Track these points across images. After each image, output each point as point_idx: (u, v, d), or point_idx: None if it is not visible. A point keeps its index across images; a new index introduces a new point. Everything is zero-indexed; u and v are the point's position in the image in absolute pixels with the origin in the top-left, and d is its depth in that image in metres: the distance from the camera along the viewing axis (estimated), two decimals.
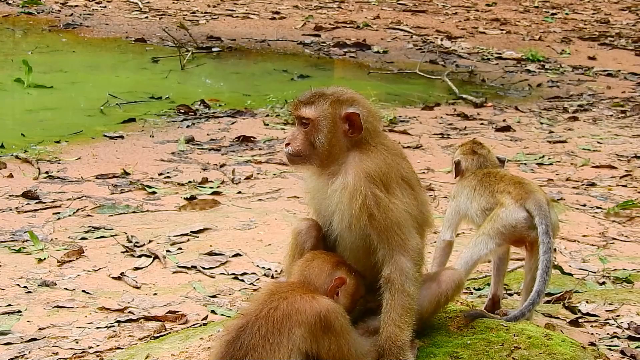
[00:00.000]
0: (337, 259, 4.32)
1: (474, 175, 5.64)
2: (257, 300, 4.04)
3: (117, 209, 8.37)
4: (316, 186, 4.55)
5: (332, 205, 4.42)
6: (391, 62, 17.65)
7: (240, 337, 3.91)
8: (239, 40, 18.72)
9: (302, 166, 4.52)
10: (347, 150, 4.44)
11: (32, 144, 10.59)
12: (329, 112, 4.44)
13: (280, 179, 9.55)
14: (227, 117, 12.45)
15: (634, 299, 6.13)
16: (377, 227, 4.30)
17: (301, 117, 4.47)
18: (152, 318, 6.00)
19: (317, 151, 4.43)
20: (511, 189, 5.35)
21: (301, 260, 4.31)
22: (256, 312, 3.96)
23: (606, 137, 12.12)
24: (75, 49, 17.30)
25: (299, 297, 4.02)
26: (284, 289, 4.09)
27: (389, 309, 4.30)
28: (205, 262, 7.05)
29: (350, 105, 4.48)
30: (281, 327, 3.92)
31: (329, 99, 4.48)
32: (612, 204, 8.97)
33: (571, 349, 4.58)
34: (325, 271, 4.20)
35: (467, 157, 5.78)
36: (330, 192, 4.41)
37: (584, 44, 20.26)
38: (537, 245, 5.09)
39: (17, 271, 6.81)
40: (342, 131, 4.44)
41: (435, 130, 12.21)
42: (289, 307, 3.96)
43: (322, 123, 4.43)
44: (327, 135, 4.42)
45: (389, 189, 4.35)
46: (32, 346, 5.57)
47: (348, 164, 4.40)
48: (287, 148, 4.46)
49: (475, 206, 5.44)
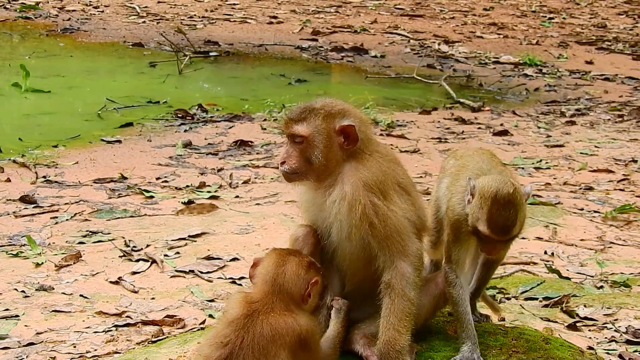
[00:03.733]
0: (305, 259, 4.24)
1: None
2: (235, 325, 3.93)
3: (114, 213, 8.37)
4: (311, 199, 4.52)
5: (330, 216, 4.39)
6: (388, 66, 17.66)
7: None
8: (237, 45, 18.72)
9: (298, 183, 4.49)
10: (342, 162, 4.42)
11: (29, 149, 10.59)
12: (322, 128, 4.38)
13: (277, 183, 9.55)
14: (225, 121, 12.45)
15: (632, 302, 6.12)
16: (377, 235, 4.28)
17: (294, 135, 4.42)
18: (149, 322, 6.00)
19: (313, 167, 4.39)
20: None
21: (269, 264, 4.17)
22: (239, 341, 3.88)
23: (604, 141, 12.13)
24: (73, 53, 17.30)
25: (280, 318, 3.96)
26: (260, 307, 4.00)
27: (388, 313, 4.29)
28: (202, 266, 7.04)
29: (343, 117, 4.42)
30: (267, 353, 3.88)
31: (320, 113, 4.41)
32: (610, 208, 8.97)
33: (569, 353, 4.58)
34: (301, 276, 4.12)
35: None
36: (329, 204, 4.37)
37: (581, 48, 20.28)
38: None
39: (15, 275, 6.80)
40: (337, 144, 4.40)
41: (433, 134, 12.22)
42: (272, 332, 3.91)
43: (316, 139, 4.37)
44: (322, 150, 4.37)
45: (387, 196, 4.33)
46: (30, 350, 5.56)
47: (344, 175, 4.36)
48: (283, 167, 4.40)
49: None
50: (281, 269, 4.12)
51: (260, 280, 4.12)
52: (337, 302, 4.42)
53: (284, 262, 4.15)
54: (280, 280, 4.08)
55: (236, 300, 4.06)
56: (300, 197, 4.64)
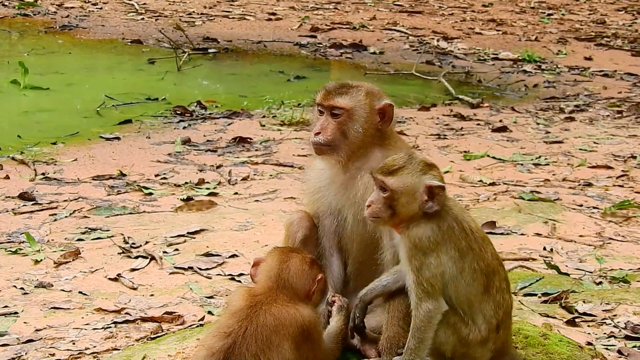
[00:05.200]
0: (308, 256, 4.26)
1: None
2: (239, 315, 3.97)
3: (113, 210, 8.37)
4: (333, 177, 4.52)
5: (353, 196, 4.41)
6: (387, 62, 17.65)
7: (230, 358, 3.89)
8: (235, 42, 18.71)
9: (329, 157, 4.48)
10: (372, 145, 4.45)
11: (28, 146, 10.59)
12: (365, 103, 4.45)
13: (276, 180, 9.55)
14: (224, 118, 12.44)
15: (631, 298, 6.13)
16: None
17: (334, 107, 4.44)
18: (148, 319, 6.00)
19: (348, 141, 4.42)
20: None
21: (272, 261, 4.20)
22: (242, 330, 3.92)
23: (603, 137, 12.13)
24: (72, 50, 17.28)
25: (283, 308, 4.00)
26: (263, 299, 4.03)
27: (393, 310, 4.31)
28: (201, 263, 7.04)
29: (381, 97, 4.51)
30: (270, 343, 3.92)
31: (362, 89, 4.48)
32: (609, 204, 8.97)
33: (568, 349, 4.58)
34: (305, 273, 4.15)
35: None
36: (356, 185, 4.41)
37: (580, 44, 20.27)
38: None
39: (14, 272, 6.81)
40: (374, 123, 4.45)
41: (432, 130, 12.21)
42: (275, 322, 3.95)
43: (357, 113, 4.43)
44: (362, 125, 4.43)
45: None
46: (29, 347, 5.56)
47: (374, 159, 4.41)
48: (318, 137, 4.42)
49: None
50: (285, 265, 4.15)
51: (263, 277, 4.13)
52: (338, 299, 4.43)
53: (287, 258, 4.18)
54: (285, 276, 4.11)
55: (239, 293, 4.08)
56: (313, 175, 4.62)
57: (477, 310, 4.16)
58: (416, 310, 4.12)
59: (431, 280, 4.10)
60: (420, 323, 4.11)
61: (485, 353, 4.22)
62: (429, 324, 4.11)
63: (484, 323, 4.16)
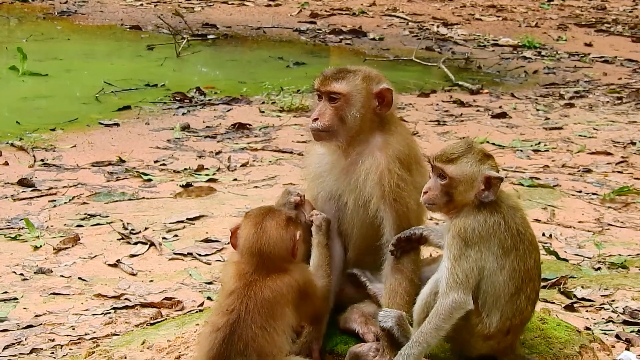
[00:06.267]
0: (282, 217, 4.21)
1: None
2: (237, 294, 4.01)
3: (112, 197, 8.37)
4: (334, 162, 4.50)
5: (354, 182, 4.40)
6: (387, 49, 17.62)
7: (236, 332, 3.94)
8: (235, 28, 18.67)
9: (327, 142, 4.46)
10: (372, 130, 4.43)
11: (27, 132, 10.58)
12: (361, 88, 4.41)
13: (276, 166, 9.55)
14: (223, 104, 12.43)
15: (629, 284, 6.14)
16: (398, 209, 4.32)
17: (331, 92, 4.41)
18: (148, 305, 6.01)
19: (346, 127, 4.39)
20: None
21: (249, 233, 4.15)
22: (244, 306, 3.98)
23: (602, 123, 12.12)
24: (70, 36, 17.25)
25: (277, 279, 4.04)
26: (256, 276, 4.06)
27: (394, 295, 4.32)
28: (201, 249, 7.05)
29: (379, 81, 4.47)
30: (274, 314, 4.00)
31: (359, 74, 4.45)
32: (608, 190, 8.97)
33: (566, 333, 4.59)
34: (283, 237, 4.14)
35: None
36: (358, 170, 4.39)
37: (580, 30, 20.23)
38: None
39: (13, 259, 6.81)
40: (372, 107, 4.43)
41: (431, 117, 12.20)
42: (274, 294, 4.01)
43: (354, 98, 4.40)
44: (359, 110, 4.39)
45: (411, 171, 4.38)
46: (29, 333, 5.58)
47: (377, 144, 4.39)
48: (316, 123, 4.40)
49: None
50: (263, 238, 4.13)
51: (245, 251, 4.13)
52: (316, 217, 4.43)
53: (263, 229, 4.15)
54: (266, 249, 4.11)
55: (230, 273, 4.10)
56: (313, 160, 4.62)
57: (497, 308, 4.14)
58: (443, 297, 4.08)
59: (467, 272, 4.07)
60: (443, 311, 4.07)
61: (484, 347, 4.22)
62: (451, 316, 4.07)
63: (497, 322, 4.14)
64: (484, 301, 4.14)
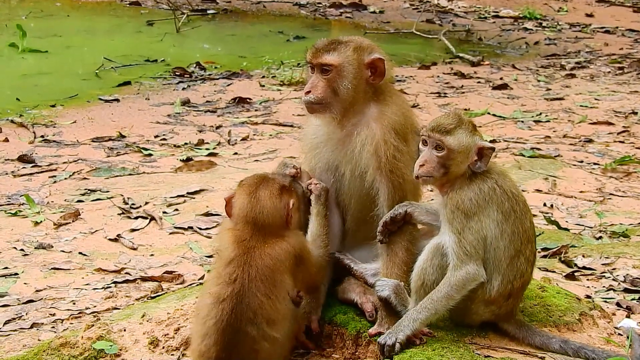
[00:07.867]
0: (275, 185, 4.24)
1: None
2: (236, 262, 4.03)
3: (113, 172, 8.36)
4: (330, 133, 4.49)
5: (350, 153, 4.39)
6: (387, 22, 17.55)
7: (243, 301, 3.96)
8: (235, 2, 18.60)
9: (321, 115, 4.44)
10: (366, 100, 4.41)
11: (27, 108, 10.56)
12: (353, 59, 4.39)
13: (276, 140, 9.53)
14: (223, 79, 12.40)
15: (630, 252, 6.13)
16: (394, 180, 4.32)
17: (323, 64, 4.38)
18: (148, 279, 6.01)
19: (339, 98, 4.37)
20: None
21: (243, 203, 4.17)
22: (246, 275, 4.00)
23: (603, 93, 12.08)
24: (70, 13, 17.19)
25: (275, 246, 4.08)
26: (253, 243, 4.08)
27: (392, 265, 4.34)
28: (201, 223, 7.04)
29: (372, 51, 4.44)
30: (275, 281, 4.03)
31: (350, 45, 4.42)
32: (609, 160, 8.95)
33: (565, 301, 4.59)
34: (277, 206, 4.16)
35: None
36: (354, 141, 4.37)
37: (581, 1, 20.13)
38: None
39: (14, 234, 6.81)
40: (365, 78, 4.40)
41: (432, 89, 12.17)
42: (273, 261, 4.05)
43: (346, 69, 4.37)
44: (351, 81, 4.37)
45: (407, 141, 4.36)
46: (29, 308, 5.58)
47: (372, 115, 4.38)
48: (308, 96, 4.38)
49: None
50: (257, 207, 4.15)
51: (240, 219, 4.14)
52: (315, 187, 4.44)
53: (257, 199, 4.17)
54: (261, 218, 4.14)
55: (227, 240, 4.11)
56: (310, 131, 4.60)
57: (499, 272, 4.14)
58: (456, 269, 4.07)
59: (474, 243, 4.08)
60: (456, 282, 4.07)
61: (485, 313, 4.22)
62: (464, 287, 4.08)
63: (499, 286, 4.14)
64: (486, 266, 4.14)
